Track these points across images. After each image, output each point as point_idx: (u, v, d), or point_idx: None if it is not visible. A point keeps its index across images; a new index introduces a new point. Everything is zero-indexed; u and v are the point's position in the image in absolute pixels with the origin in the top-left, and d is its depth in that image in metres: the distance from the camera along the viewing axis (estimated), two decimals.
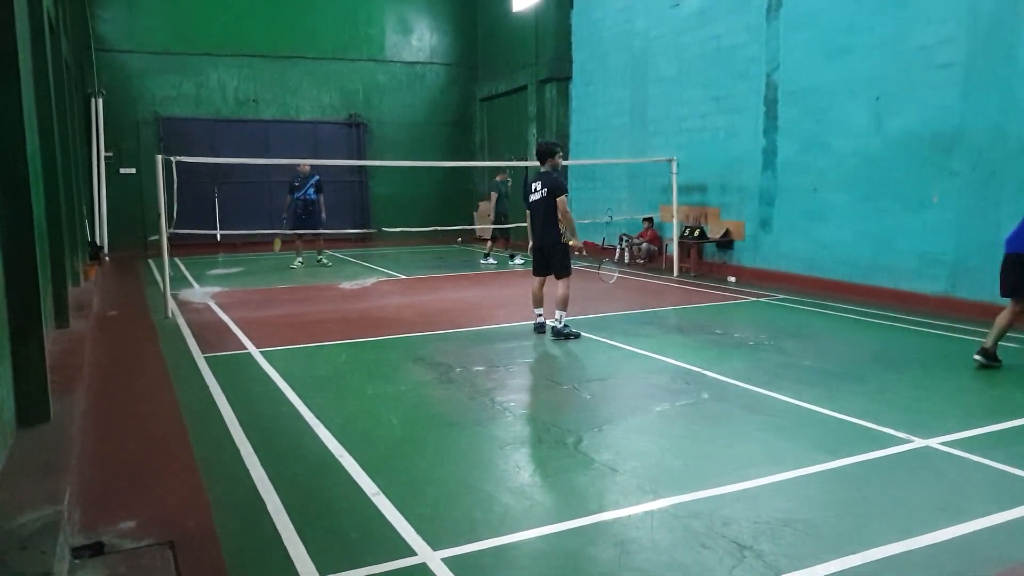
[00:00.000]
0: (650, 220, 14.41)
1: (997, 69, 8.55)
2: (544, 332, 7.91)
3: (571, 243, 7.83)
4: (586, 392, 5.82)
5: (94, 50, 17.04)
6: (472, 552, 3.32)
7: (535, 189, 7.85)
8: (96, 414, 5.38)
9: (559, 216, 7.72)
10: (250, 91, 18.91)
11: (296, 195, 14.14)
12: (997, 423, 4.97)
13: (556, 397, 5.74)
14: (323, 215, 14.39)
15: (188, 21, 18.11)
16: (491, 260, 15.01)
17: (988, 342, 6.37)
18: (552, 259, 7.85)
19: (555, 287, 7.82)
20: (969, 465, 4.30)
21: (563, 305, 7.75)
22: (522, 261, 14.86)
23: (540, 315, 8.05)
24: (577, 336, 7.71)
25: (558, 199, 7.67)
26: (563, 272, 7.81)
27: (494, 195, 15.49)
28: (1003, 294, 6.34)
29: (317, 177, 14.33)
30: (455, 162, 19.12)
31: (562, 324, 7.73)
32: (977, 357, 6.36)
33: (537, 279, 8.09)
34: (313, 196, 14.21)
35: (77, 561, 3.16)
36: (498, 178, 15.72)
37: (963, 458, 4.39)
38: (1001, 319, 6.30)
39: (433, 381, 6.17)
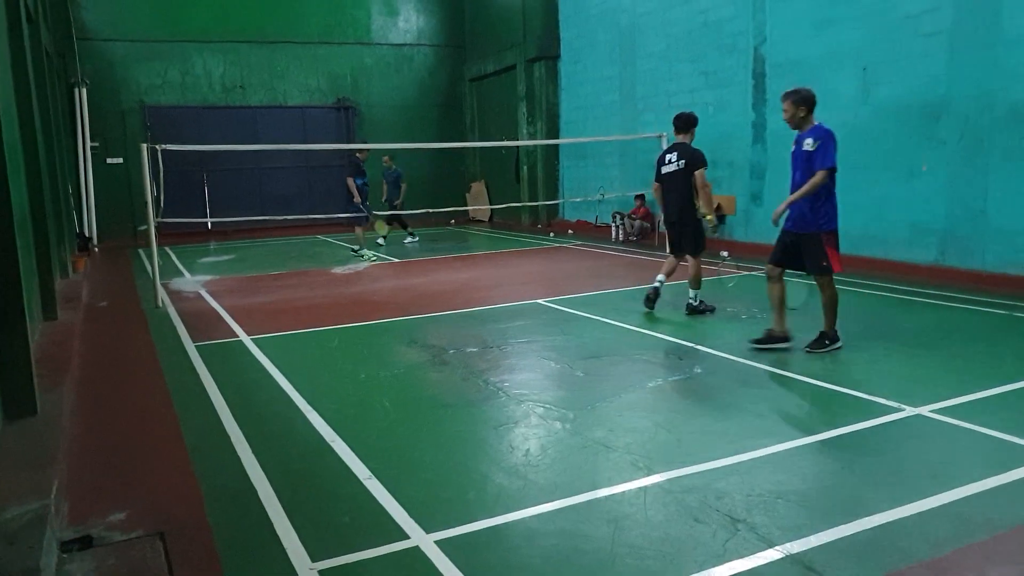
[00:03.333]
0: (642, 197, 14.36)
1: (982, 36, 8.50)
2: (653, 302, 7.67)
3: (708, 219, 7.50)
4: (579, 370, 5.81)
5: (76, 39, 16.84)
6: (466, 533, 3.31)
7: (669, 160, 7.44)
8: (85, 406, 5.36)
9: (697, 191, 7.40)
10: (237, 77, 18.74)
11: (364, 179, 13.52)
12: (986, 390, 4.97)
13: (549, 376, 5.73)
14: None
15: (171, 7, 17.91)
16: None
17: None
18: (683, 236, 7.61)
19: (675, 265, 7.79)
20: (959, 432, 4.30)
21: (696, 284, 7.58)
22: (416, 239, 15.03)
23: (662, 281, 7.74)
24: (712, 310, 7.59)
25: (696, 172, 7.36)
26: (695, 249, 7.61)
27: (385, 184, 15.04)
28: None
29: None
30: (445, 143, 19.02)
31: (697, 301, 7.59)
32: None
33: (672, 259, 7.84)
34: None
35: (65, 555, 3.14)
36: (385, 162, 15.14)
37: (953, 425, 4.39)
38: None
39: (426, 363, 6.15)
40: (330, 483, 3.90)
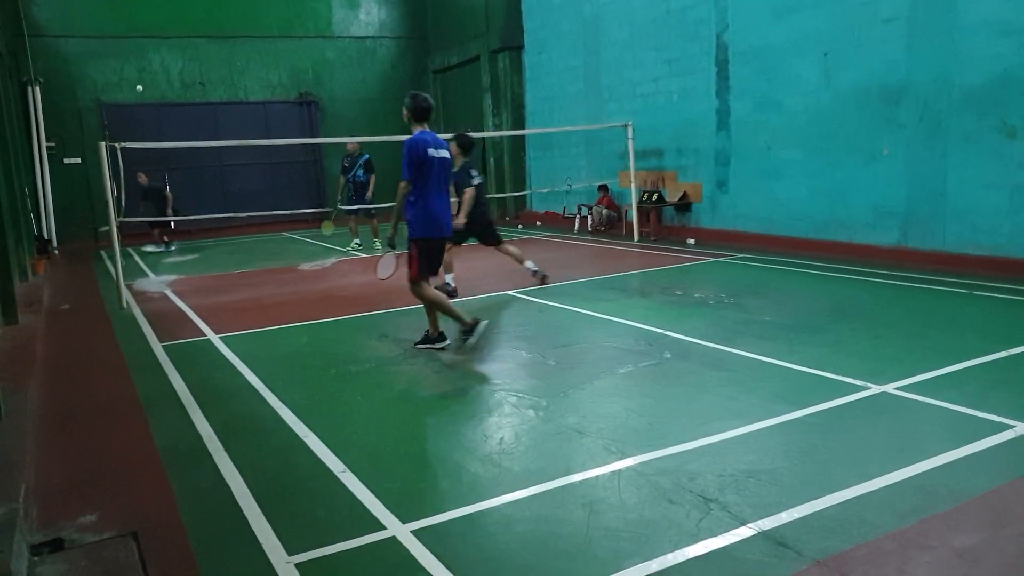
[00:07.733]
0: (605, 187, 14.43)
1: (939, 21, 8.66)
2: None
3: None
4: (551, 359, 5.84)
5: (27, 36, 16.39)
6: (442, 522, 3.31)
7: (475, 174, 8.46)
8: (51, 409, 5.26)
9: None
10: (196, 73, 18.42)
11: (347, 176, 13.21)
12: (948, 366, 5.09)
13: (521, 365, 5.75)
14: (369, 193, 13.13)
15: (126, 3, 17.51)
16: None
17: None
18: (493, 228, 8.91)
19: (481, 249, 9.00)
20: (923, 407, 4.41)
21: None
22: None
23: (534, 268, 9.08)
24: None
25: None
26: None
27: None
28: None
29: (367, 156, 13.33)
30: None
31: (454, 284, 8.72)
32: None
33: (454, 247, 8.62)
34: (363, 177, 13.21)
35: (36, 558, 3.09)
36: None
37: (918, 401, 4.50)
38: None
39: (397, 357, 6.13)
40: (304, 478, 3.87)
